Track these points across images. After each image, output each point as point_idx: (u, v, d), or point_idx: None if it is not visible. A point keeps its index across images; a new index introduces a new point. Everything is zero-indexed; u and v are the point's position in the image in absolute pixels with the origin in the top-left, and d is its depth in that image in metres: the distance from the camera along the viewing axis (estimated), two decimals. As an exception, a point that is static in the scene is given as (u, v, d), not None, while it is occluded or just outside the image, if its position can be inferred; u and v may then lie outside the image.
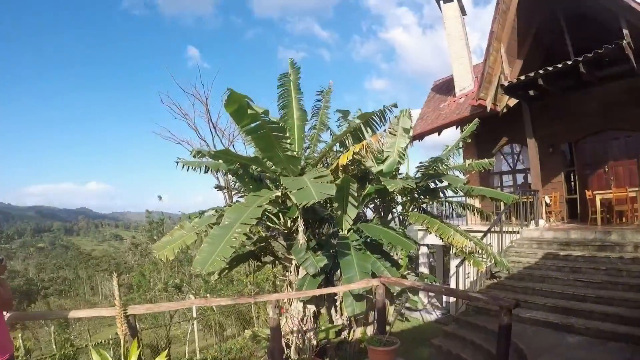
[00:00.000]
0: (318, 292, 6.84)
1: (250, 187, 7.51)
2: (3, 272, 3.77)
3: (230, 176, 9.05)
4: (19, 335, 7.67)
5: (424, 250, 16.97)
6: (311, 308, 7.90)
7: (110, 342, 10.36)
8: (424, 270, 16.63)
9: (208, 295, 16.79)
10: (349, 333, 8.64)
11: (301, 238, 6.69)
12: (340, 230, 8.15)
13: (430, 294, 15.84)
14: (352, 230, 8.11)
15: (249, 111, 5.40)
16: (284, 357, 8.03)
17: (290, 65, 8.36)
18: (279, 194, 6.67)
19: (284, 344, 8.10)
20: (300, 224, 6.68)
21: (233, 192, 8.72)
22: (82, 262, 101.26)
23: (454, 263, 12.69)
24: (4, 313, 3.76)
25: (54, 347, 11.11)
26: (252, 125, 5.78)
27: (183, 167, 7.57)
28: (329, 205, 8.47)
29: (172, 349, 14.93)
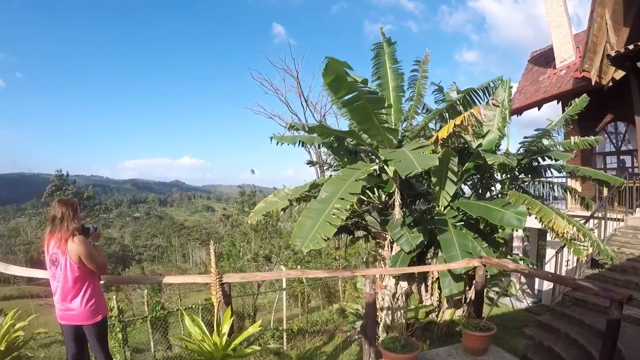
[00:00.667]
0: (420, 269, 6.63)
1: (345, 160, 7.37)
2: (98, 239, 4.08)
3: (323, 150, 8.97)
4: (113, 297, 8.17)
5: (518, 233, 16.13)
6: (403, 285, 7.71)
7: (200, 307, 10.82)
8: (517, 254, 15.85)
9: (298, 266, 17.06)
10: (437, 314, 8.39)
11: (397, 213, 6.46)
12: (436, 206, 7.84)
13: (522, 280, 15.11)
14: (449, 207, 7.77)
15: (348, 79, 5.21)
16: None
17: (382, 34, 8.04)
18: (376, 167, 6.46)
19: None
20: (397, 198, 6.45)
21: (325, 167, 8.62)
22: (174, 231, 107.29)
23: (549, 249, 11.93)
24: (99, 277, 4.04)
25: (146, 309, 11.76)
26: (349, 96, 5.58)
27: (277, 143, 7.56)
28: (424, 180, 8.16)
29: (257, 317, 15.36)
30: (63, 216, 3.76)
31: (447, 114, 7.63)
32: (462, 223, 7.61)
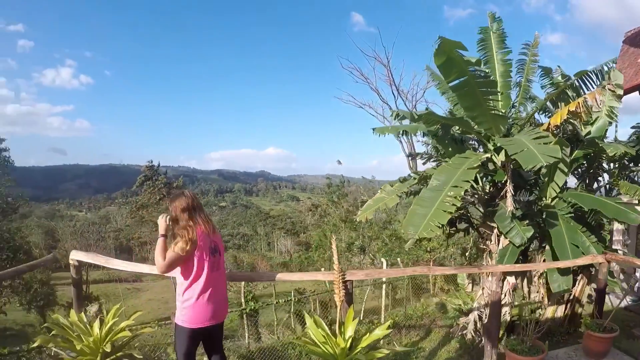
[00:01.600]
0: (547, 265, 6.23)
1: (450, 149, 7.11)
2: None
3: (422, 140, 8.67)
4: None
5: (618, 226, 14.92)
6: (510, 280, 7.35)
7: (292, 301, 10.87)
8: (618, 248, 14.66)
9: (386, 259, 16.87)
10: (541, 311, 7.93)
11: (509, 205, 6.13)
12: (543, 198, 7.38)
13: (621, 276, 13.97)
14: (557, 199, 7.28)
15: (460, 61, 4.98)
16: (477, 331, 7.65)
17: (490, 18, 7.65)
18: (488, 155, 6.16)
19: (476, 317, 7.69)
20: (509, 189, 6.12)
21: (423, 158, 8.34)
22: (260, 220, 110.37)
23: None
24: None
25: (242, 300, 12.08)
26: (459, 80, 5.34)
27: (379, 134, 7.42)
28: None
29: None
30: (201, 206, 3.82)
31: (557, 100, 7.16)
32: (572, 215, 7.11)
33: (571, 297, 7.58)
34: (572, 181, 8.52)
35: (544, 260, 6.77)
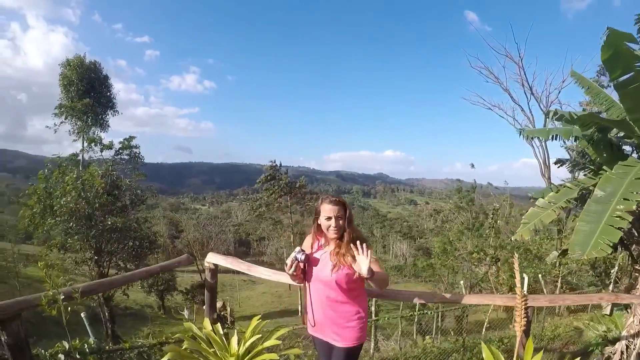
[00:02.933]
0: None
1: (604, 155, 6.38)
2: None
3: (571, 144, 7.90)
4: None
5: None
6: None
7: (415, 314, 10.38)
8: None
9: (525, 276, 15.78)
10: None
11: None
12: None
13: None
14: None
15: (629, 56, 4.40)
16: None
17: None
18: (659, 164, 5.40)
19: (624, 346, 6.85)
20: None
21: (568, 166, 7.54)
22: (377, 222, 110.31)
23: None
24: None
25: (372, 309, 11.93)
26: (625, 77, 4.74)
27: (527, 137, 6.91)
28: None
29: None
30: None
31: None
32: None
33: None
34: None
35: None
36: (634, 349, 6.44)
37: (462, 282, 13.79)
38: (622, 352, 6.72)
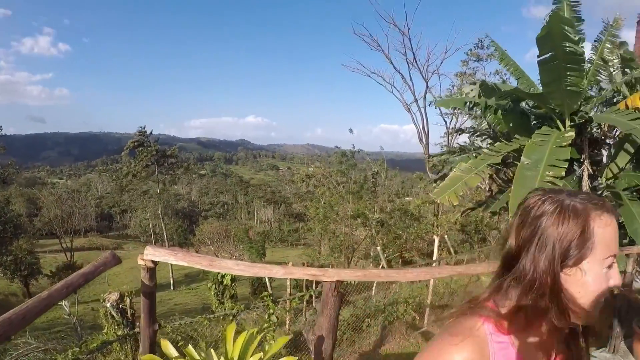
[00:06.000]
0: None
1: (511, 124, 6.92)
2: None
3: (465, 114, 8.42)
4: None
5: None
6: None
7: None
8: None
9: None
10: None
11: (586, 184, 6.02)
12: (599, 177, 7.26)
13: None
14: (615, 179, 7.14)
15: (558, 36, 4.80)
16: None
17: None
18: (572, 133, 5.95)
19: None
20: (587, 166, 5.99)
21: (469, 134, 8.04)
22: (241, 189, 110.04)
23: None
24: None
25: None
26: (548, 55, 5.18)
27: (439, 107, 7.21)
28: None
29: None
30: None
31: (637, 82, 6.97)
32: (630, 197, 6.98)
33: None
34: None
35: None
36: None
37: (379, 248, 14.03)
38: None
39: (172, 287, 39.33)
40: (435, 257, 14.76)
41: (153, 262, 3.19)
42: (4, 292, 36.00)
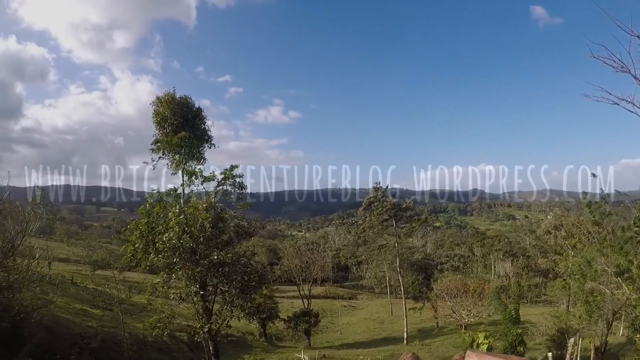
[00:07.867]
0: None
1: None
2: None
3: None
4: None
5: None
6: None
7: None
8: None
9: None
10: None
11: None
12: None
13: None
14: None
15: None
16: None
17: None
18: None
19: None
20: None
21: None
22: (477, 240, 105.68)
23: None
24: None
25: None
26: None
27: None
28: None
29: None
30: None
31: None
32: None
33: None
34: None
35: None
36: None
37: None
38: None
39: (404, 342, 39.26)
40: None
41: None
42: (242, 331, 39.79)
